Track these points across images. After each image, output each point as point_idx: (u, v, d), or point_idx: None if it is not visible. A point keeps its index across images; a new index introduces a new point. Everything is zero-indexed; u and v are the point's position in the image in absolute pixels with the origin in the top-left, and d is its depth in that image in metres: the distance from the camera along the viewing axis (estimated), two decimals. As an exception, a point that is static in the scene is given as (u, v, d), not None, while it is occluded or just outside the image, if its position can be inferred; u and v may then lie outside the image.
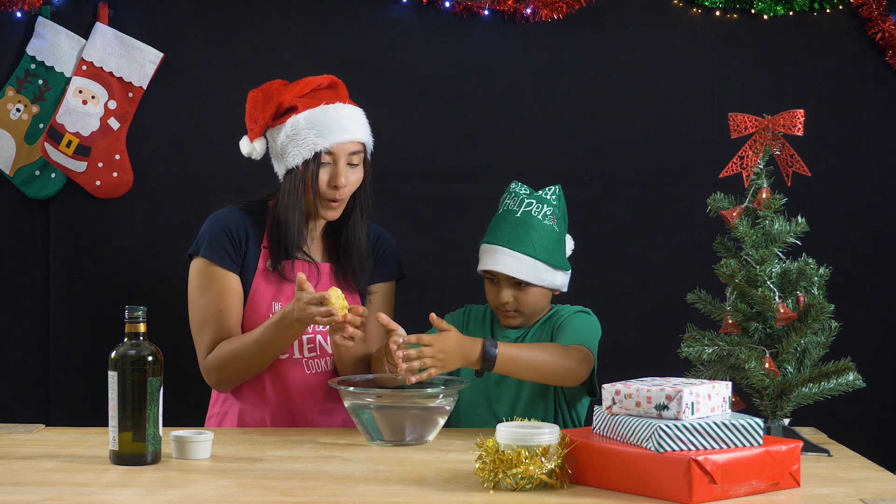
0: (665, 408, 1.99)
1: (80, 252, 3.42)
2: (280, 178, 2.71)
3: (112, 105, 3.40)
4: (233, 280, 2.68)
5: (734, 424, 1.99)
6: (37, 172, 3.40)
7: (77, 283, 3.42)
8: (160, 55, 3.39)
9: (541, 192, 2.70)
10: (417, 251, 3.32)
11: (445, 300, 2.95)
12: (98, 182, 3.39)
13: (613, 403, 2.07)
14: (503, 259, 2.66)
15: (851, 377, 2.40)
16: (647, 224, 3.47)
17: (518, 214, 2.68)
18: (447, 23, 3.43)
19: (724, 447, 1.98)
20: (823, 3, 3.41)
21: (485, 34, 3.44)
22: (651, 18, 3.44)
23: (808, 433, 2.55)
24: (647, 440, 1.96)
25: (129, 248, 3.42)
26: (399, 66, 3.44)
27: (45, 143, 3.36)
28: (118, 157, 3.40)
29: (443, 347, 2.44)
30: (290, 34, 3.43)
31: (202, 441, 2.25)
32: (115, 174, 3.40)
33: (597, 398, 2.62)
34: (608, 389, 2.08)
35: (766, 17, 3.42)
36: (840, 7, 3.41)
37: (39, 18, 3.37)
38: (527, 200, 2.69)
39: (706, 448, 1.96)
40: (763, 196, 2.42)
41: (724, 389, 2.07)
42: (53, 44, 3.38)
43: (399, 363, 2.42)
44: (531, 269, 2.66)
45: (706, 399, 2.02)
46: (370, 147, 2.73)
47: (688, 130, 3.46)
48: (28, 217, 3.43)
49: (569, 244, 2.77)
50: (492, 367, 2.49)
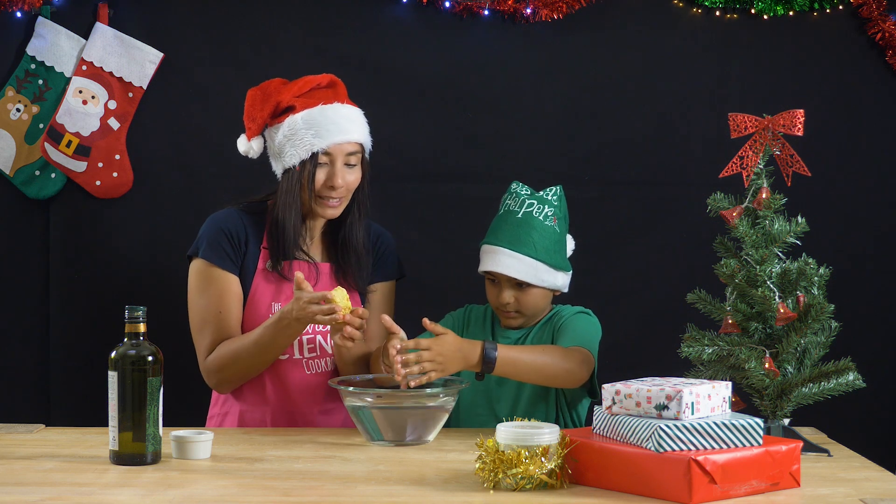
0: (665, 408, 1.99)
1: (80, 252, 3.42)
2: (278, 178, 2.71)
3: (112, 105, 3.40)
4: (232, 281, 2.68)
5: (734, 424, 1.99)
6: (37, 172, 3.40)
7: (77, 283, 3.42)
8: (160, 55, 3.39)
9: (542, 193, 2.70)
10: (417, 251, 3.32)
11: (445, 300, 2.95)
12: (98, 182, 3.39)
13: (613, 403, 2.07)
14: (504, 260, 2.66)
15: (851, 377, 2.39)
16: (647, 224, 3.47)
17: (519, 215, 2.68)
18: (447, 23, 3.43)
19: (724, 447, 1.98)
20: (823, 3, 3.41)
21: (485, 34, 3.43)
22: (651, 18, 3.44)
23: (808, 433, 2.54)
24: (647, 440, 1.96)
25: (129, 248, 3.42)
26: (399, 66, 3.44)
27: (45, 143, 3.36)
28: (118, 157, 3.40)
29: (441, 351, 2.43)
30: (290, 34, 3.43)
31: (202, 441, 2.25)
32: (115, 174, 3.40)
33: (597, 399, 2.62)
34: (608, 389, 2.08)
35: (766, 17, 3.41)
36: (840, 7, 3.41)
37: (39, 18, 3.37)
38: (528, 201, 2.69)
39: (706, 448, 1.96)
40: (763, 196, 2.42)
41: (724, 389, 2.07)
42: (53, 44, 3.38)
43: (398, 369, 2.41)
44: (532, 270, 2.65)
45: (706, 399, 2.02)
46: (368, 147, 2.73)
47: (688, 130, 3.46)
48: (28, 217, 3.43)
49: (569, 244, 2.77)
50: (492, 370, 2.48)
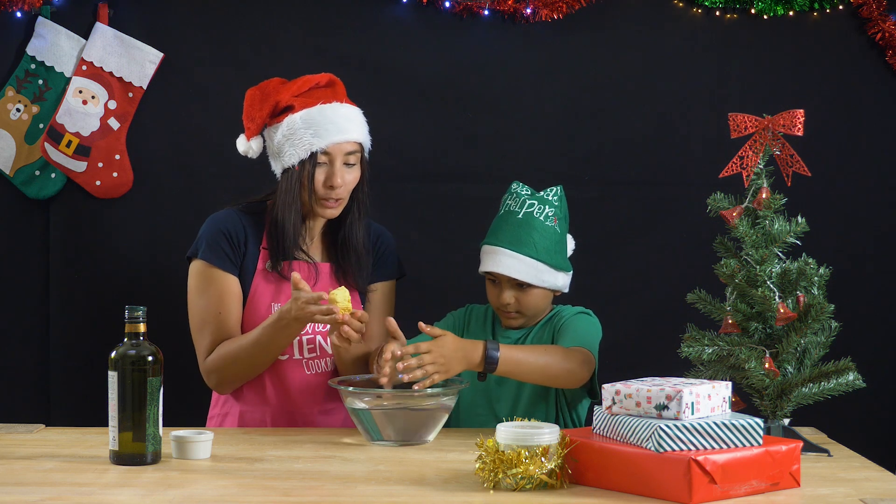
0: (665, 408, 1.99)
1: (80, 252, 3.42)
2: (277, 178, 2.71)
3: (112, 105, 3.39)
4: (231, 282, 2.68)
5: (734, 424, 1.99)
6: (37, 172, 3.40)
7: (77, 283, 3.42)
8: (160, 55, 3.39)
9: (542, 193, 2.70)
10: (417, 251, 3.32)
11: (445, 300, 2.95)
12: (98, 182, 3.39)
13: (613, 403, 2.07)
14: (505, 260, 2.66)
15: (851, 377, 2.39)
16: (647, 224, 3.47)
17: (520, 215, 2.68)
18: (447, 23, 3.43)
19: (724, 447, 1.98)
20: (823, 3, 3.40)
21: (485, 34, 3.43)
22: (651, 18, 3.44)
23: (808, 433, 2.54)
24: (647, 440, 1.96)
25: (129, 248, 3.42)
26: (399, 66, 3.44)
27: (45, 143, 3.36)
28: (118, 157, 3.40)
29: (442, 352, 2.43)
30: (290, 34, 3.43)
31: (202, 441, 2.25)
32: (115, 174, 3.40)
33: (597, 399, 2.62)
34: (608, 389, 2.08)
35: (766, 17, 3.41)
36: (840, 7, 3.41)
37: (39, 18, 3.37)
38: (528, 201, 2.69)
39: (706, 448, 1.96)
40: (763, 196, 2.42)
41: (724, 389, 2.07)
42: (53, 44, 3.38)
43: (384, 371, 2.43)
44: (533, 271, 2.65)
45: (706, 399, 2.02)
46: (367, 146, 2.73)
47: (688, 130, 3.46)
48: (28, 217, 3.43)
49: (570, 245, 2.77)
50: (494, 370, 2.48)
